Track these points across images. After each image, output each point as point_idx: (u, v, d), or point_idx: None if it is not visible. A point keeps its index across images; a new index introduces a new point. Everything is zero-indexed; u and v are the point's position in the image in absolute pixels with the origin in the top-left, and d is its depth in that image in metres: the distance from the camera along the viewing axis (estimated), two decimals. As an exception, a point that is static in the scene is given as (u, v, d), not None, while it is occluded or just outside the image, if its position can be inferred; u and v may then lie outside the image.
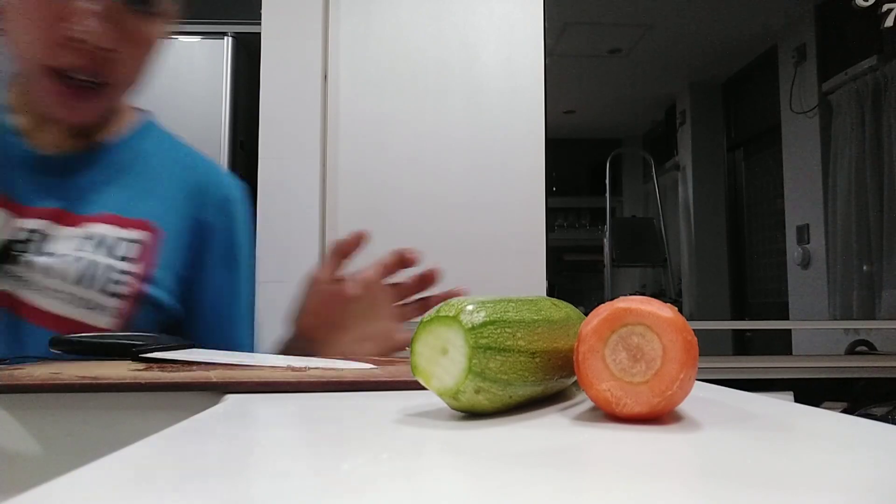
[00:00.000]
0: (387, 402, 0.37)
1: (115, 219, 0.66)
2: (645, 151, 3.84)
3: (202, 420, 0.31)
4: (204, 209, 0.71)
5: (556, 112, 0.87)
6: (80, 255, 0.62)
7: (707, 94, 3.31)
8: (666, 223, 3.41)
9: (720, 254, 3.22)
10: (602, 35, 2.86)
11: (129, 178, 0.69)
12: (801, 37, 2.57)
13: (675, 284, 3.31)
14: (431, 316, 0.32)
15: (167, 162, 0.72)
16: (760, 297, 3.05)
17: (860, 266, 2.26)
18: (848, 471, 0.23)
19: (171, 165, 0.72)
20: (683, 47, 2.96)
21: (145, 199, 0.68)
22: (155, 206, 0.68)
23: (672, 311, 0.31)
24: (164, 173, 0.71)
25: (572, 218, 4.10)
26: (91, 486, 0.20)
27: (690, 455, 0.25)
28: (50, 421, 0.41)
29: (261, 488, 0.20)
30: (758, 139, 3.09)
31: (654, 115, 3.73)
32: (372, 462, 0.24)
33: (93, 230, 0.64)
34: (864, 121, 2.26)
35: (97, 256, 0.63)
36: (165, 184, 0.70)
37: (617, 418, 0.31)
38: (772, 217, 2.92)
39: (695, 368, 0.31)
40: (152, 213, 0.68)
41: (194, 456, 0.24)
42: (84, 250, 0.63)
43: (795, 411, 0.35)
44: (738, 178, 3.26)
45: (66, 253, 0.62)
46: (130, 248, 0.65)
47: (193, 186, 0.72)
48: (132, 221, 0.67)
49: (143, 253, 0.66)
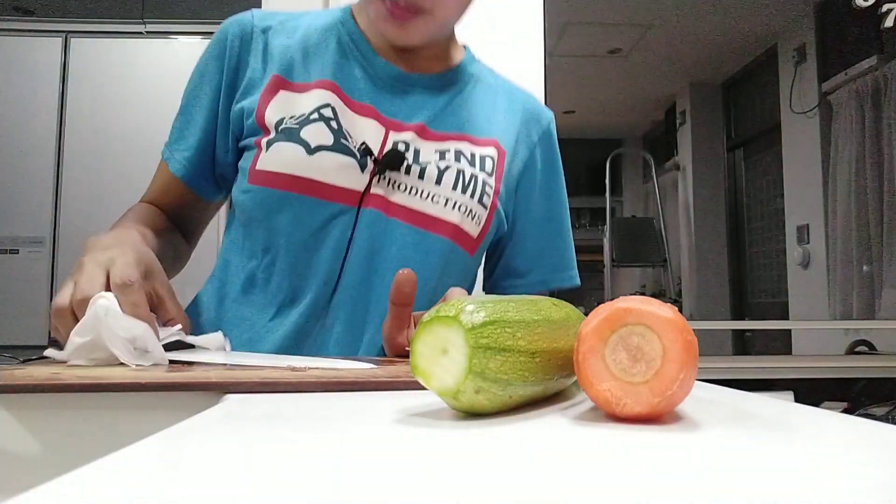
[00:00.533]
0: (387, 402, 0.37)
1: (468, 137, 0.73)
2: (645, 151, 3.84)
3: (202, 420, 0.31)
4: (532, 135, 0.79)
5: (556, 112, 0.87)
6: (449, 165, 0.70)
7: (707, 94, 3.32)
8: (666, 223, 3.41)
9: (720, 254, 3.23)
10: (602, 35, 2.86)
11: (474, 100, 0.76)
12: (801, 37, 2.57)
13: (675, 284, 3.31)
14: (431, 316, 0.32)
15: (498, 89, 0.80)
16: (760, 297, 3.05)
17: (860, 266, 2.26)
18: (848, 471, 0.23)
19: (502, 92, 0.80)
20: (683, 47, 2.96)
21: (490, 121, 0.76)
22: (498, 126, 0.76)
23: (672, 311, 0.31)
24: (499, 98, 0.79)
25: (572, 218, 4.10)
26: (91, 485, 0.20)
27: (690, 455, 0.25)
28: (50, 421, 0.41)
29: (261, 488, 0.20)
30: (758, 139, 3.09)
31: (654, 115, 3.73)
32: (371, 462, 0.24)
33: (452, 146, 0.72)
34: (864, 121, 2.26)
35: (464, 166, 0.70)
36: (502, 107, 0.78)
37: (617, 418, 0.31)
38: (772, 217, 2.92)
39: (695, 368, 0.31)
40: (497, 132, 0.75)
41: (194, 456, 0.25)
42: (447, 160, 0.70)
43: (795, 411, 0.35)
44: (738, 178, 3.26)
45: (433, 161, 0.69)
46: (488, 162, 0.73)
47: (525, 113, 0.79)
48: (483, 140, 0.74)
49: (496, 169, 0.73)
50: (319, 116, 0.67)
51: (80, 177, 1.91)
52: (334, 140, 0.66)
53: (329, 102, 0.68)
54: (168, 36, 1.97)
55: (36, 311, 1.87)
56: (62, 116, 1.92)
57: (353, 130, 0.68)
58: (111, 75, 1.94)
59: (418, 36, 0.69)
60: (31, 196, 1.90)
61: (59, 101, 1.93)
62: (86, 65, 1.94)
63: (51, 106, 1.92)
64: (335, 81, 0.70)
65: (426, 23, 0.68)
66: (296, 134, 0.66)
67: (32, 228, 1.89)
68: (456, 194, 0.69)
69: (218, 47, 0.73)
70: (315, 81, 0.70)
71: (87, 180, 1.91)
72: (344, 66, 0.71)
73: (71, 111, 1.92)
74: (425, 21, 0.67)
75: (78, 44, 1.95)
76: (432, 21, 0.68)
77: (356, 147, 0.68)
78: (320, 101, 0.68)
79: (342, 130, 0.67)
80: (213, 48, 0.74)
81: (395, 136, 0.70)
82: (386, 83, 0.72)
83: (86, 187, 1.91)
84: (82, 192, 1.91)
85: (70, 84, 1.93)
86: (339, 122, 0.68)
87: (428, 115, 0.72)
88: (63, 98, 1.93)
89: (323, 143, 0.66)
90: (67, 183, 1.91)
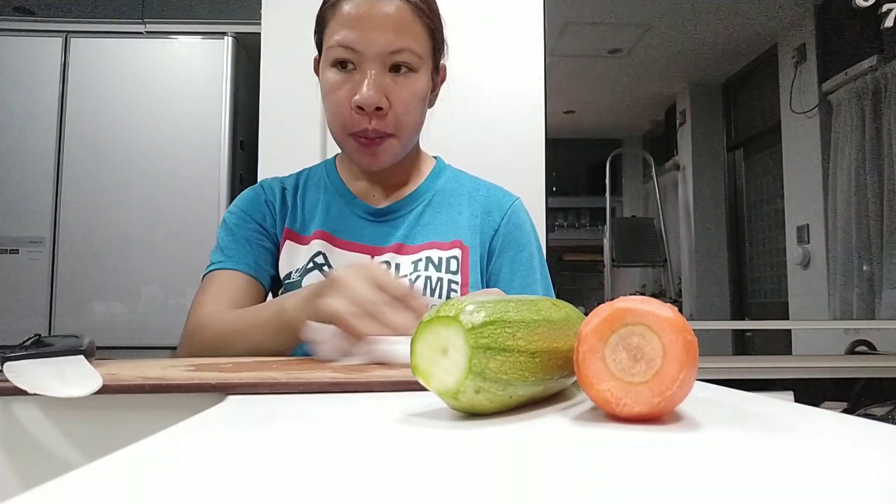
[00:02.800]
0: (387, 402, 0.37)
1: (436, 244, 0.87)
2: (645, 151, 3.84)
3: (202, 420, 0.31)
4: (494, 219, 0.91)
5: (556, 112, 0.89)
6: (418, 274, 0.84)
7: (707, 94, 3.31)
8: (666, 223, 3.41)
9: (720, 254, 3.22)
10: (602, 35, 2.86)
11: (440, 209, 0.90)
12: (801, 37, 2.56)
13: (675, 284, 3.31)
14: (431, 316, 0.32)
15: (462, 191, 0.93)
16: (760, 297, 3.05)
17: (860, 266, 2.26)
18: (848, 471, 0.23)
19: (465, 193, 0.93)
20: (683, 47, 2.96)
21: (455, 224, 0.89)
22: (461, 227, 0.89)
23: (672, 311, 0.31)
24: (462, 200, 0.92)
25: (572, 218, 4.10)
26: (91, 485, 0.20)
27: (690, 455, 0.25)
28: (51, 421, 0.41)
29: (261, 488, 0.20)
30: (758, 139, 3.09)
31: (654, 115, 3.73)
32: (371, 462, 0.24)
33: (424, 254, 0.86)
34: (864, 121, 2.26)
35: (431, 273, 0.84)
36: (465, 208, 0.91)
37: (617, 418, 0.31)
38: (772, 217, 2.92)
39: (695, 368, 0.31)
40: (461, 233, 0.88)
41: (194, 456, 0.25)
42: (419, 270, 0.84)
43: (795, 411, 0.35)
44: (738, 178, 3.26)
45: (408, 273, 0.84)
46: (453, 263, 0.86)
47: (486, 205, 0.92)
48: (448, 244, 0.88)
49: (461, 266, 0.86)
50: (314, 265, 0.84)
51: (80, 177, 1.91)
52: None
53: (321, 250, 0.86)
54: (168, 36, 1.97)
55: (36, 311, 1.87)
56: (62, 116, 1.92)
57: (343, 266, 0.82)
58: (111, 75, 1.94)
59: (387, 157, 0.84)
60: (31, 196, 1.90)
61: (59, 101, 1.93)
62: (86, 65, 1.94)
63: (51, 106, 1.92)
64: (326, 230, 0.87)
65: (392, 145, 0.83)
66: (297, 286, 0.82)
67: (32, 228, 1.89)
68: (426, 298, 0.83)
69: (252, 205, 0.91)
70: (313, 233, 0.87)
71: (87, 180, 1.91)
72: (331, 212, 0.89)
73: (71, 111, 1.92)
74: (391, 143, 0.83)
75: (78, 44, 1.95)
76: (397, 142, 0.83)
77: None
78: (314, 251, 0.86)
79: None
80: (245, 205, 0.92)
81: (378, 258, 0.85)
82: (365, 219, 0.89)
83: (86, 187, 1.91)
84: (82, 192, 1.91)
85: (70, 84, 1.93)
86: (329, 265, 0.84)
87: (402, 234, 0.87)
88: (63, 98, 1.93)
89: None
90: (67, 183, 1.91)
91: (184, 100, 1.92)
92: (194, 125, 1.91)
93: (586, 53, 3.03)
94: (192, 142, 1.90)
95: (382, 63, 0.80)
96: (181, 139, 1.90)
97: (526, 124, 1.66)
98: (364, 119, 0.80)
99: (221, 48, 1.95)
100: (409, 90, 0.82)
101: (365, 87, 0.78)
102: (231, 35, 1.95)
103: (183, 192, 1.89)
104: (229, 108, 1.93)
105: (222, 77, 1.94)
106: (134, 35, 1.98)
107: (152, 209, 1.89)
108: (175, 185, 1.88)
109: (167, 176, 1.88)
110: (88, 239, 1.90)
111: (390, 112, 0.81)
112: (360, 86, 0.79)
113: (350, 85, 0.80)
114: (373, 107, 0.79)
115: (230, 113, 1.93)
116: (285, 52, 1.67)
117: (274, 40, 1.67)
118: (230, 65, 1.94)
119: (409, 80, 0.82)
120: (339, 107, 0.81)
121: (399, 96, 0.81)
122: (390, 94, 0.80)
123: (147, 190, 1.89)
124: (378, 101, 0.79)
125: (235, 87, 1.95)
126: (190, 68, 1.95)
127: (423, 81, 0.83)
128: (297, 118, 1.67)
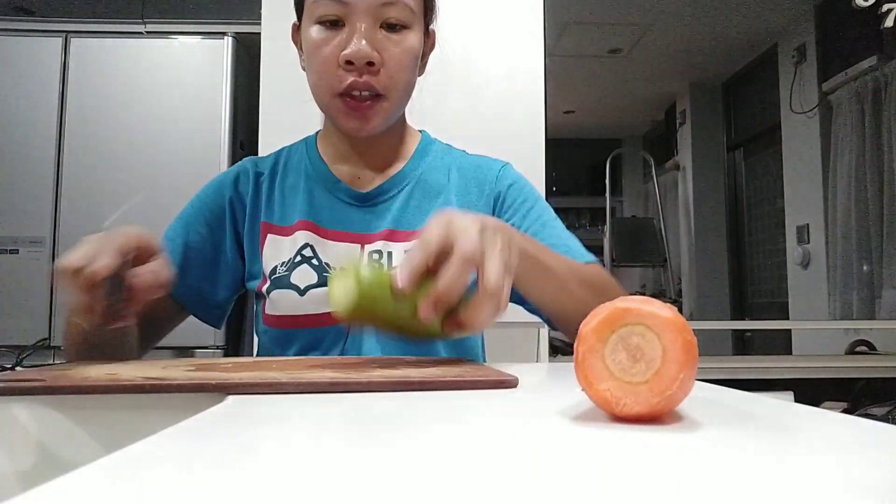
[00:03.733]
0: (383, 403, 0.37)
1: None
2: (645, 151, 3.84)
3: (203, 420, 0.31)
4: (484, 189, 0.84)
5: (556, 112, 0.88)
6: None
7: (707, 94, 3.31)
8: (666, 223, 3.41)
9: (720, 254, 3.22)
10: (602, 35, 2.86)
11: (429, 191, 0.83)
12: (801, 37, 2.56)
13: (675, 284, 3.31)
14: None
15: (451, 165, 0.86)
16: (760, 297, 3.05)
17: (860, 266, 2.25)
18: (848, 471, 0.23)
19: (454, 168, 0.86)
20: (683, 47, 2.96)
21: (445, 201, 0.82)
22: (451, 202, 0.82)
23: (672, 311, 0.31)
24: (452, 174, 0.85)
25: (572, 218, 4.10)
26: (91, 485, 0.20)
27: (690, 455, 0.25)
28: (51, 421, 0.41)
29: (261, 488, 0.20)
30: (758, 139, 3.09)
31: (654, 115, 3.73)
32: (372, 463, 0.24)
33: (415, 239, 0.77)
34: (864, 121, 2.26)
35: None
36: (454, 183, 0.85)
37: (617, 418, 0.31)
38: (772, 217, 2.92)
39: (695, 368, 0.31)
40: (453, 207, 0.81)
41: (195, 455, 0.25)
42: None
43: (795, 411, 0.35)
44: (738, 178, 3.26)
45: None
46: None
47: (476, 177, 0.85)
48: None
49: None
50: (302, 259, 0.78)
51: (80, 177, 1.91)
52: (318, 277, 0.77)
53: (307, 242, 0.79)
54: (168, 36, 1.97)
55: (36, 311, 1.87)
56: (62, 116, 1.92)
57: (332, 259, 0.79)
58: (111, 75, 1.93)
59: (378, 120, 0.77)
60: (31, 196, 1.90)
61: (59, 101, 1.92)
62: (86, 65, 1.94)
63: (51, 106, 1.92)
64: (310, 220, 0.81)
65: (383, 108, 0.76)
66: (286, 280, 0.77)
67: (32, 228, 1.89)
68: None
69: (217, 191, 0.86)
70: (296, 223, 0.81)
71: (87, 180, 1.91)
72: (314, 200, 0.82)
73: (71, 111, 1.92)
74: (382, 106, 0.76)
75: (78, 44, 1.94)
76: (388, 105, 0.77)
77: None
78: (300, 243, 0.79)
79: (322, 265, 0.78)
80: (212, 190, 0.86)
81: (370, 248, 0.79)
82: (352, 205, 0.82)
83: (86, 187, 1.90)
84: (82, 192, 1.90)
85: (70, 84, 1.93)
86: (318, 258, 0.79)
87: (391, 219, 0.81)
88: (63, 98, 1.93)
89: (310, 283, 0.76)
90: (67, 183, 1.91)
91: (184, 100, 1.92)
92: (194, 125, 1.91)
93: (586, 53, 3.03)
94: (192, 142, 1.90)
95: (373, 17, 0.74)
96: (181, 139, 1.90)
97: (526, 124, 1.66)
98: (353, 75, 0.73)
99: (221, 48, 1.95)
100: (402, 46, 0.75)
101: (355, 39, 0.72)
102: (231, 35, 1.95)
103: (183, 192, 1.88)
104: (229, 108, 1.93)
105: (222, 77, 1.93)
106: (134, 35, 1.98)
107: (152, 209, 1.89)
108: (175, 185, 1.88)
109: (167, 176, 1.88)
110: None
111: (382, 69, 0.74)
112: (349, 41, 0.73)
113: (338, 41, 0.74)
114: (364, 61, 0.73)
115: (230, 113, 1.93)
116: (285, 52, 1.66)
117: (274, 40, 1.67)
118: (230, 65, 1.94)
119: (402, 37, 0.76)
120: (325, 65, 0.74)
121: (392, 52, 0.75)
122: (382, 51, 0.74)
123: (147, 190, 1.89)
124: (370, 55, 0.72)
125: (235, 87, 1.95)
126: (190, 68, 1.95)
127: (416, 39, 0.77)
128: (297, 118, 1.66)
